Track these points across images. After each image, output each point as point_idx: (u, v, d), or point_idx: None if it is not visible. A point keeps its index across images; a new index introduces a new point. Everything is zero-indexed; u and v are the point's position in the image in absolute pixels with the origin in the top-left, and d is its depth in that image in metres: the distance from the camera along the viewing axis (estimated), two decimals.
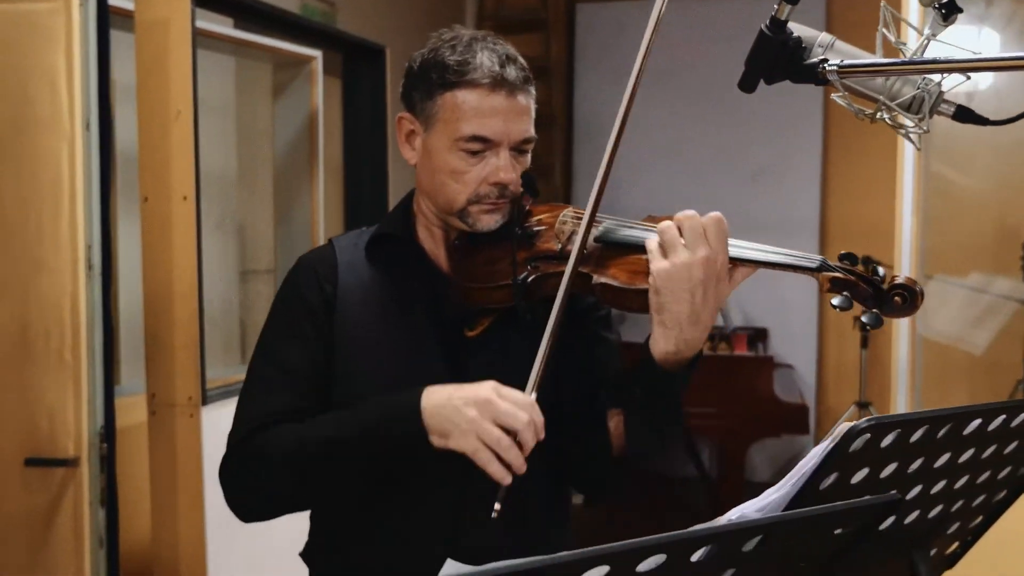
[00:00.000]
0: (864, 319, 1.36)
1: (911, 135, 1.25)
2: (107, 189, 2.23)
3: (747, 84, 1.17)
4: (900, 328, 2.57)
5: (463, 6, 5.89)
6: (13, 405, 2.22)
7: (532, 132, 1.53)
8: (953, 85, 1.26)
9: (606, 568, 0.67)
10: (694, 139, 5.52)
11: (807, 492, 0.89)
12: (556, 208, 1.61)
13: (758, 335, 5.19)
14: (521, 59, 1.53)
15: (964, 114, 1.21)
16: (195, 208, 2.40)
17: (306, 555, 1.59)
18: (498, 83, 1.47)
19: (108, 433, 2.23)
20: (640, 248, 1.47)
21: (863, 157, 5.40)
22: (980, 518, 1.22)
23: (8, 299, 2.21)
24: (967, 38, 1.31)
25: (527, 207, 1.62)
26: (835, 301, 1.36)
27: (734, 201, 5.52)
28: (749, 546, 0.75)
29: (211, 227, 3.81)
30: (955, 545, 1.24)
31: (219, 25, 3.57)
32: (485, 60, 1.47)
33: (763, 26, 1.14)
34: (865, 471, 0.94)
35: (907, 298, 1.35)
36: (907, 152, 2.47)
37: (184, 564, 2.51)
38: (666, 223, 1.39)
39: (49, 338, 2.19)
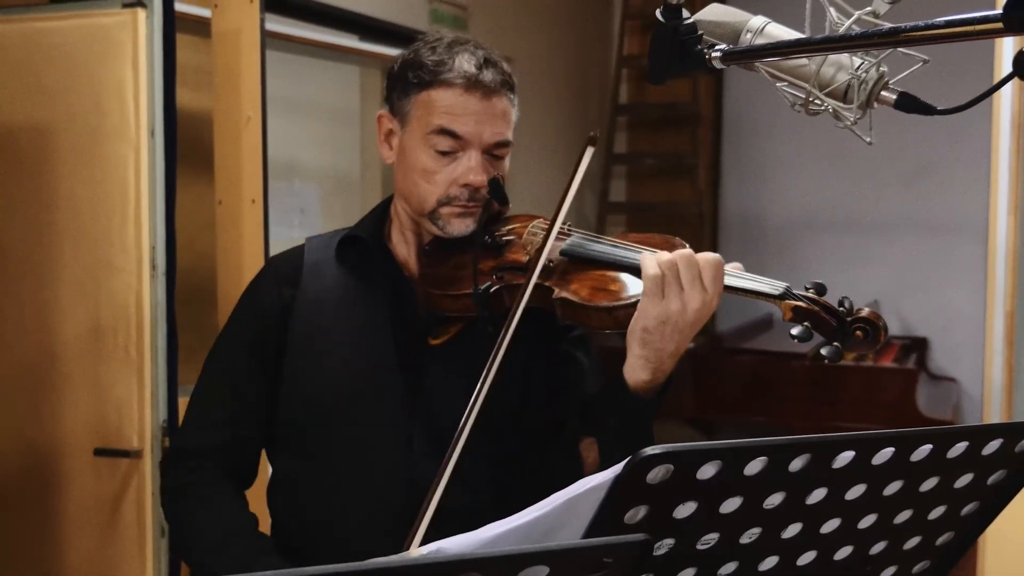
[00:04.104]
0: (824, 352, 1.27)
1: (854, 128, 1.12)
2: (172, 193, 2.32)
3: (654, 76, 1.08)
4: (994, 333, 2.32)
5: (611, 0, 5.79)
6: (87, 397, 2.34)
7: (508, 136, 1.50)
8: (909, 70, 1.12)
9: None
10: (851, 135, 5.20)
11: (607, 524, 0.81)
12: (531, 218, 1.56)
13: (915, 345, 4.83)
14: (504, 64, 1.51)
15: (908, 102, 1.07)
16: (263, 211, 2.46)
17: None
18: (472, 84, 1.46)
19: (171, 427, 2.32)
20: (606, 264, 1.41)
21: None
22: (926, 563, 1.08)
23: (84, 297, 2.34)
24: None
25: (503, 215, 1.56)
26: (794, 331, 1.27)
27: (895, 202, 5.17)
28: None
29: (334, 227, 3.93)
30: None
31: (337, 36, 3.69)
32: (463, 63, 1.47)
33: (658, 12, 1.04)
34: (693, 505, 0.85)
35: (869, 332, 1.27)
36: (1003, 139, 2.23)
37: None
38: (666, 260, 1.30)
39: (117, 335, 2.30)
